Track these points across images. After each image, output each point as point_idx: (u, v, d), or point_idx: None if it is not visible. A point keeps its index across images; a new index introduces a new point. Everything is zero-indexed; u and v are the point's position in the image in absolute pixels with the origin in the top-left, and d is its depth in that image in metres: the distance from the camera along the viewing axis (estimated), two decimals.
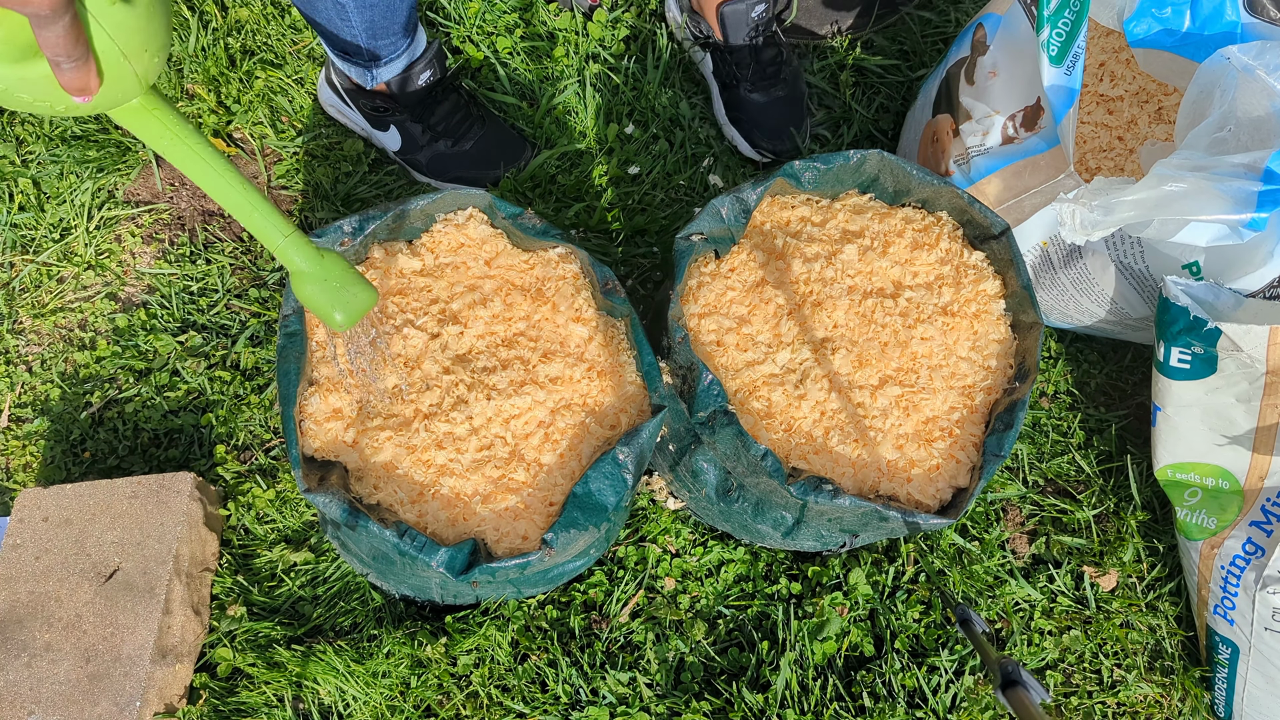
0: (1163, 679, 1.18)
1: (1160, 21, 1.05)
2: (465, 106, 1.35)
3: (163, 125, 0.68)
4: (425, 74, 1.25)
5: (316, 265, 0.77)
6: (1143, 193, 0.90)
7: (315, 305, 0.79)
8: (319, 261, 0.77)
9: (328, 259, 0.78)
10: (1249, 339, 0.98)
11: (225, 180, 0.71)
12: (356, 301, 0.79)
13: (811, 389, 1.01)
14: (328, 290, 0.78)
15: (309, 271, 0.77)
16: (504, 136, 1.37)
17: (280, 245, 0.75)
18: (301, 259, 0.76)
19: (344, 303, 0.79)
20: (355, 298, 0.79)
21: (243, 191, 0.72)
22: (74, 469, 1.21)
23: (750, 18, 1.35)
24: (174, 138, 0.68)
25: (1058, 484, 1.28)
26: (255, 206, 0.73)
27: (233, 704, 1.07)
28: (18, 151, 1.35)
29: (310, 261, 0.76)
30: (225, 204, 0.72)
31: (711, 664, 1.13)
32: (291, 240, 0.75)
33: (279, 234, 0.74)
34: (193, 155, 0.70)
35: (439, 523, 0.93)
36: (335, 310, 0.79)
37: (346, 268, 0.79)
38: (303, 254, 0.76)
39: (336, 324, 0.80)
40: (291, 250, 0.75)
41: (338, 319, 0.79)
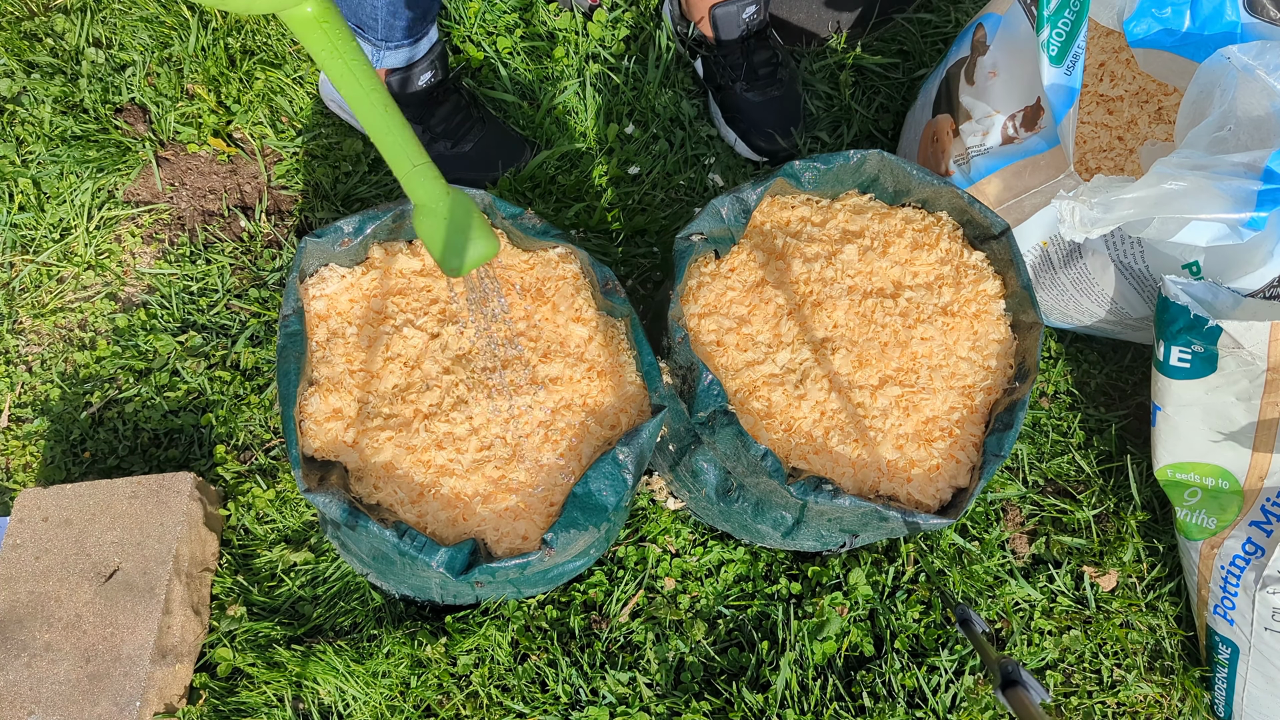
0: (1163, 679, 1.18)
1: (1160, 21, 1.05)
2: (465, 108, 1.35)
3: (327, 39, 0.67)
4: (426, 74, 1.25)
5: (440, 202, 0.74)
6: (1142, 191, 0.90)
7: (430, 243, 0.76)
8: (444, 199, 0.74)
9: (455, 198, 0.75)
10: (1250, 336, 0.98)
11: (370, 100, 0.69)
12: (474, 249, 0.75)
13: (811, 389, 1.01)
14: (446, 230, 0.74)
15: (430, 207, 0.74)
16: (504, 137, 1.37)
17: (407, 173, 0.72)
18: (424, 193, 0.73)
19: (459, 247, 0.75)
20: (473, 244, 0.75)
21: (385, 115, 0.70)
22: (74, 469, 1.21)
23: (741, 19, 1.36)
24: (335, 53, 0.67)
25: (1058, 484, 1.28)
26: (391, 130, 0.71)
27: (233, 704, 1.07)
28: (18, 151, 1.35)
29: (433, 197, 0.74)
30: (364, 121, 0.71)
31: (711, 664, 1.13)
32: (420, 170, 0.72)
33: (409, 161, 0.72)
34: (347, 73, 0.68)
35: (439, 523, 0.93)
36: (448, 252, 0.75)
37: (472, 211, 0.76)
38: (426, 188, 0.73)
39: (447, 267, 0.76)
40: (416, 181, 0.73)
41: (450, 262, 0.76)
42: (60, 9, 1.45)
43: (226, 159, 1.40)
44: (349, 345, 0.99)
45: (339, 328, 1.00)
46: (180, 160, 1.40)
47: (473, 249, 0.76)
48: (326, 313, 1.01)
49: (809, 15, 1.50)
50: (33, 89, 1.38)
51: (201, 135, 1.39)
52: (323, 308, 1.01)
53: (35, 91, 1.38)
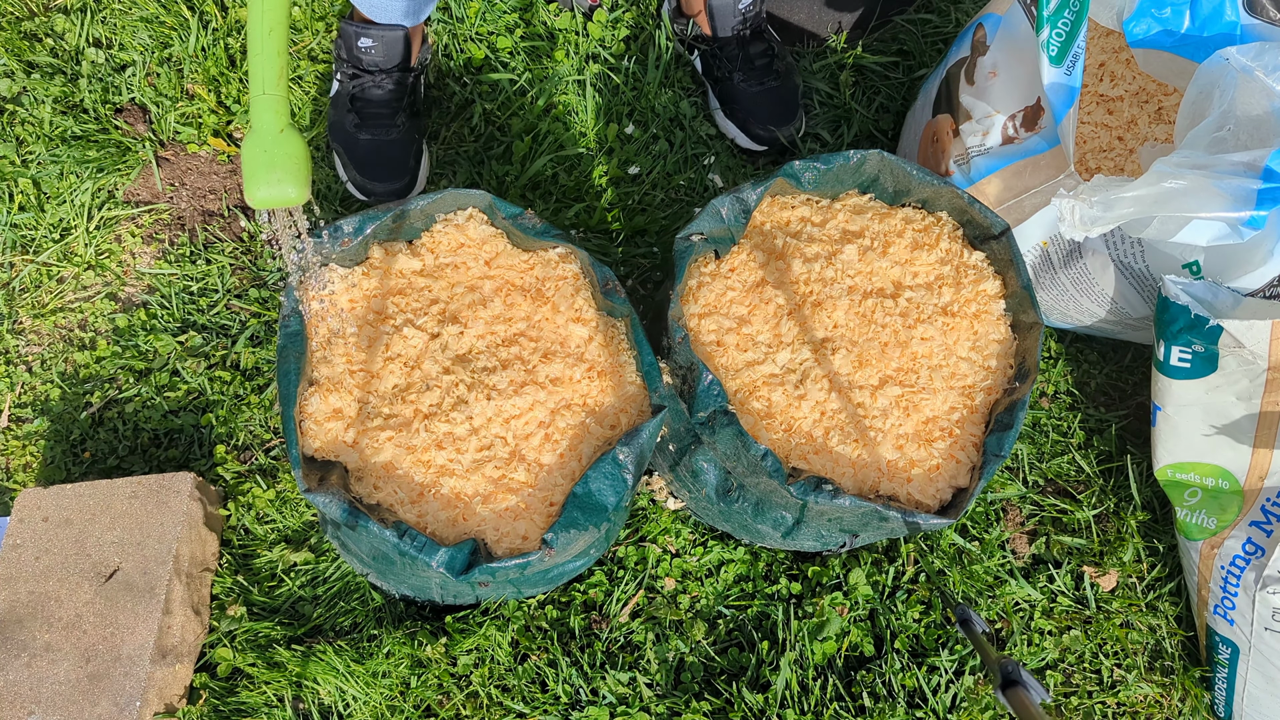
0: (1163, 679, 1.18)
1: (1160, 22, 1.05)
2: (406, 110, 1.33)
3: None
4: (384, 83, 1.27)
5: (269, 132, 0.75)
6: (1142, 189, 0.90)
7: (244, 166, 0.77)
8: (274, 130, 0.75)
9: (287, 135, 0.76)
10: (1251, 335, 0.98)
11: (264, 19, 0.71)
12: (275, 188, 0.76)
13: (811, 389, 1.01)
14: (261, 160, 0.75)
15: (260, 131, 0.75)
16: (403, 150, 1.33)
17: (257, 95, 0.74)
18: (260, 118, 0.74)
19: (264, 179, 0.76)
20: (278, 183, 0.76)
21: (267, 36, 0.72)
22: (74, 469, 1.21)
23: (738, 9, 1.37)
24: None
25: (1058, 484, 1.28)
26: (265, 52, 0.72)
27: (233, 704, 1.07)
28: (18, 151, 1.35)
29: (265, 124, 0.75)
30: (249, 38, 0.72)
31: (711, 664, 1.13)
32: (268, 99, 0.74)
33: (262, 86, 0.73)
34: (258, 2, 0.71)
35: (439, 523, 0.93)
36: (252, 181, 0.76)
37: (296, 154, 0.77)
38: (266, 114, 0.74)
39: (248, 195, 0.77)
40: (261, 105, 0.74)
41: (252, 191, 0.77)
42: (60, 9, 1.45)
43: (226, 159, 1.40)
44: (349, 345, 0.99)
45: (339, 328, 1.00)
46: (180, 160, 1.40)
47: (273, 188, 0.77)
48: (326, 313, 1.01)
49: (809, 15, 1.50)
50: (33, 89, 1.38)
51: (201, 135, 1.39)
52: (323, 308, 1.01)
53: (35, 91, 1.38)
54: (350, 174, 1.31)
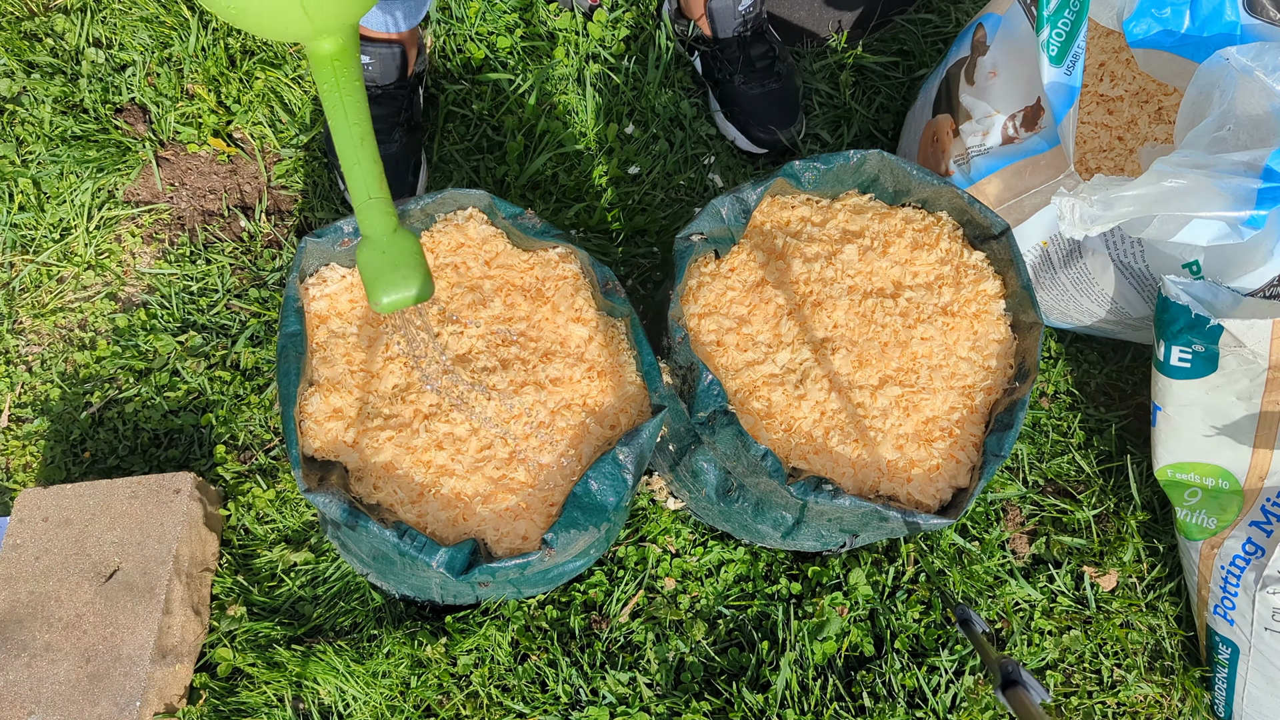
0: (1163, 679, 1.18)
1: (1160, 22, 1.05)
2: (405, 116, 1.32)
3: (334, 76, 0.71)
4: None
5: (382, 237, 0.75)
6: (1142, 189, 0.90)
7: (363, 273, 0.76)
8: (389, 235, 0.75)
9: (400, 237, 0.76)
10: (1252, 334, 0.98)
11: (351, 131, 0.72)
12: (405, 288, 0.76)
13: (811, 389, 1.01)
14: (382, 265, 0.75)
15: (373, 239, 0.75)
16: (390, 167, 1.32)
17: (363, 203, 0.74)
18: (371, 225, 0.74)
19: (394, 284, 0.75)
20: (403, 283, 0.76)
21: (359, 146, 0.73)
22: (74, 469, 1.21)
23: (738, 11, 1.36)
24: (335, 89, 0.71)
25: (1058, 484, 1.28)
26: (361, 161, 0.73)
27: (233, 704, 1.07)
28: (18, 151, 1.35)
29: (379, 232, 0.75)
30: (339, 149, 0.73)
31: (711, 664, 1.13)
32: (373, 204, 0.74)
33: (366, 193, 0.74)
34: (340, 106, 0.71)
35: (439, 523, 0.93)
36: (381, 290, 0.76)
37: (415, 254, 0.76)
38: (377, 222, 0.74)
39: (374, 301, 0.77)
40: (367, 213, 0.74)
41: (381, 299, 0.76)
42: (60, 9, 1.45)
43: (226, 159, 1.40)
44: (349, 345, 0.99)
45: (339, 328, 1.00)
46: (180, 160, 1.40)
47: (399, 291, 0.76)
48: (327, 313, 1.01)
49: (809, 15, 1.50)
50: (33, 89, 1.38)
51: (201, 135, 1.39)
52: (323, 308, 1.01)
53: (35, 91, 1.38)
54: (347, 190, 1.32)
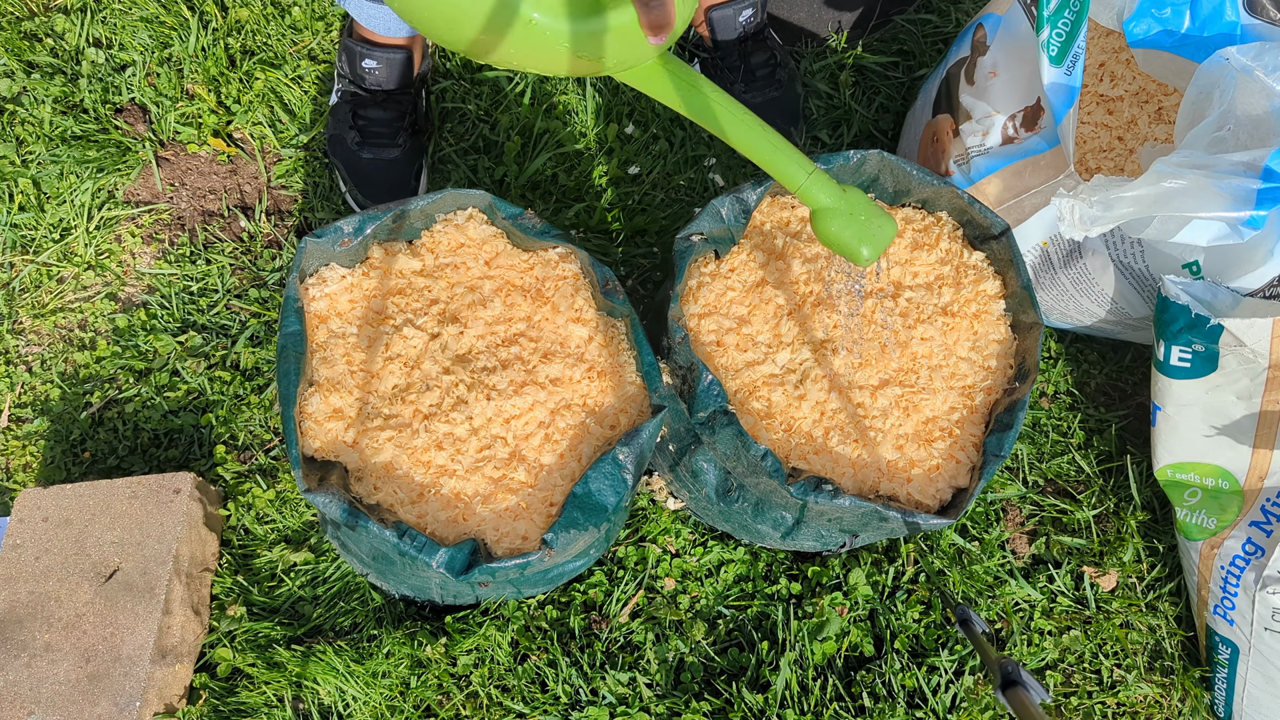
0: (1163, 679, 1.18)
1: (1160, 22, 1.05)
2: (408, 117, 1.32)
3: (678, 78, 0.69)
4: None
5: (841, 200, 0.75)
6: (1142, 189, 0.90)
7: (840, 241, 0.77)
8: (843, 197, 0.76)
9: (850, 193, 0.76)
10: (1252, 333, 0.98)
11: (747, 125, 0.72)
12: (881, 233, 0.77)
13: (811, 389, 1.01)
14: (854, 224, 0.76)
15: (834, 207, 0.75)
16: (404, 169, 1.32)
17: (803, 184, 0.74)
18: (826, 195, 0.75)
19: (870, 235, 0.77)
20: (880, 230, 0.77)
21: (764, 135, 0.72)
22: (74, 469, 1.21)
23: (738, 22, 1.36)
24: (691, 88, 0.69)
25: (1058, 484, 1.28)
26: (778, 148, 0.73)
27: (233, 704, 1.07)
28: (18, 151, 1.35)
29: (835, 197, 0.75)
30: (746, 147, 0.72)
31: (711, 664, 1.13)
32: (815, 177, 0.74)
33: (803, 172, 0.74)
34: (712, 104, 0.70)
35: (439, 523, 0.93)
36: (862, 244, 0.77)
37: (868, 201, 0.77)
38: (827, 190, 0.75)
39: (862, 259, 0.77)
40: (815, 187, 0.74)
41: (864, 253, 0.77)
42: (60, 9, 1.45)
43: (226, 159, 1.40)
44: (349, 345, 0.99)
45: (339, 328, 1.00)
46: (180, 160, 1.40)
47: (882, 232, 0.77)
48: (326, 313, 1.01)
49: (809, 15, 1.50)
50: (33, 89, 1.38)
51: (201, 135, 1.39)
52: (323, 308, 1.01)
53: (35, 91, 1.38)
54: (351, 191, 1.31)
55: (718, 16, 1.36)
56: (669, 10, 0.61)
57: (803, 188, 0.75)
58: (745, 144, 0.73)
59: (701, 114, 0.71)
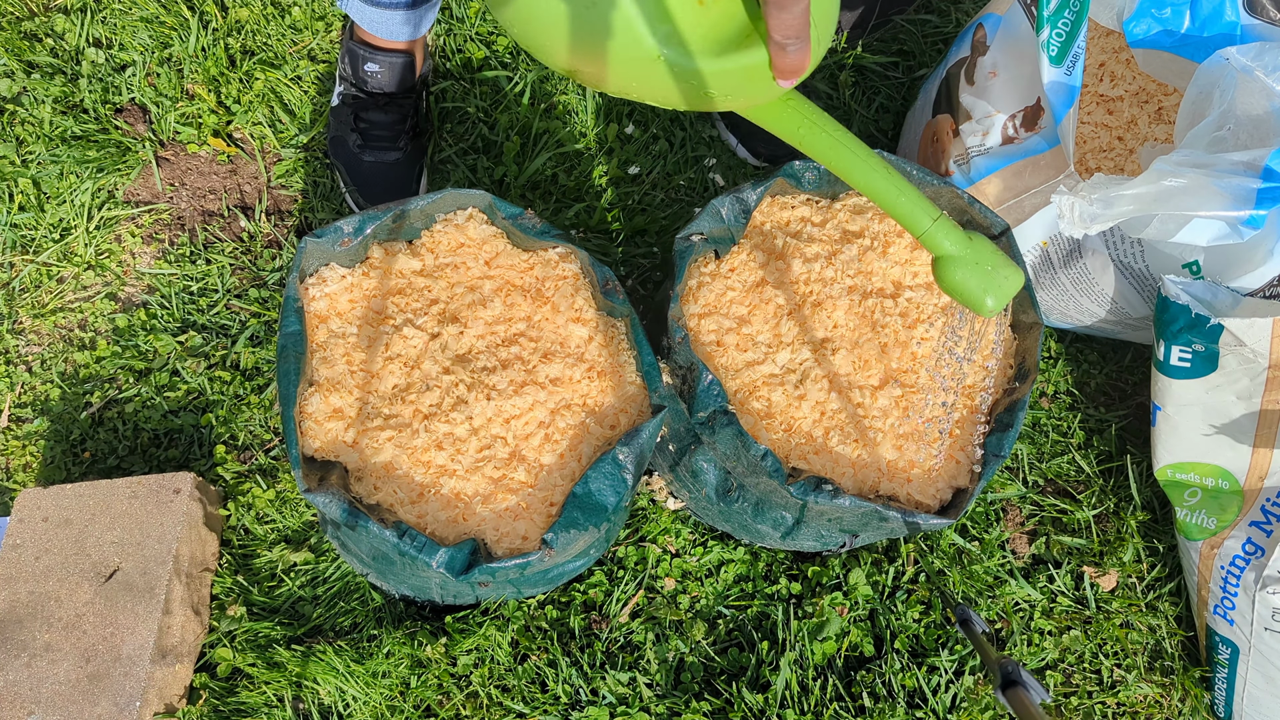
0: (1163, 679, 1.18)
1: (1160, 22, 1.05)
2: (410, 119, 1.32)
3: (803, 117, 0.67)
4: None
5: (966, 248, 0.73)
6: (1142, 187, 0.90)
7: (964, 290, 0.74)
8: (968, 245, 0.73)
9: (976, 241, 0.73)
10: (1252, 333, 0.98)
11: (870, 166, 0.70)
12: (1008, 284, 0.74)
13: (811, 389, 1.01)
14: (979, 274, 0.73)
15: (959, 256, 0.73)
16: (405, 170, 1.32)
17: (928, 230, 0.72)
18: (951, 243, 0.72)
19: (995, 286, 0.73)
20: (1007, 280, 0.73)
21: (888, 177, 0.70)
22: (74, 469, 1.21)
23: None
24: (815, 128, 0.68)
25: (1058, 484, 1.28)
26: (902, 191, 0.71)
27: (233, 704, 1.07)
28: (18, 151, 1.35)
29: (960, 245, 0.72)
30: (868, 190, 0.70)
31: (711, 664, 1.13)
32: (940, 224, 0.72)
33: (927, 218, 0.71)
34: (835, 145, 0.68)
35: (439, 523, 0.93)
36: (987, 295, 0.73)
37: (995, 249, 0.74)
38: (952, 237, 0.72)
39: (987, 310, 0.74)
40: (940, 234, 0.72)
41: (989, 304, 0.74)
42: (60, 9, 1.45)
43: (226, 159, 1.40)
44: (349, 345, 0.99)
45: (339, 328, 1.00)
46: (180, 160, 1.40)
47: (1007, 284, 0.74)
48: (326, 313, 1.01)
49: None
50: (33, 89, 1.38)
51: (201, 135, 1.39)
52: (323, 308, 1.01)
53: (35, 91, 1.38)
54: (351, 193, 1.31)
55: None
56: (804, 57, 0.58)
57: (927, 233, 0.72)
58: (868, 187, 0.70)
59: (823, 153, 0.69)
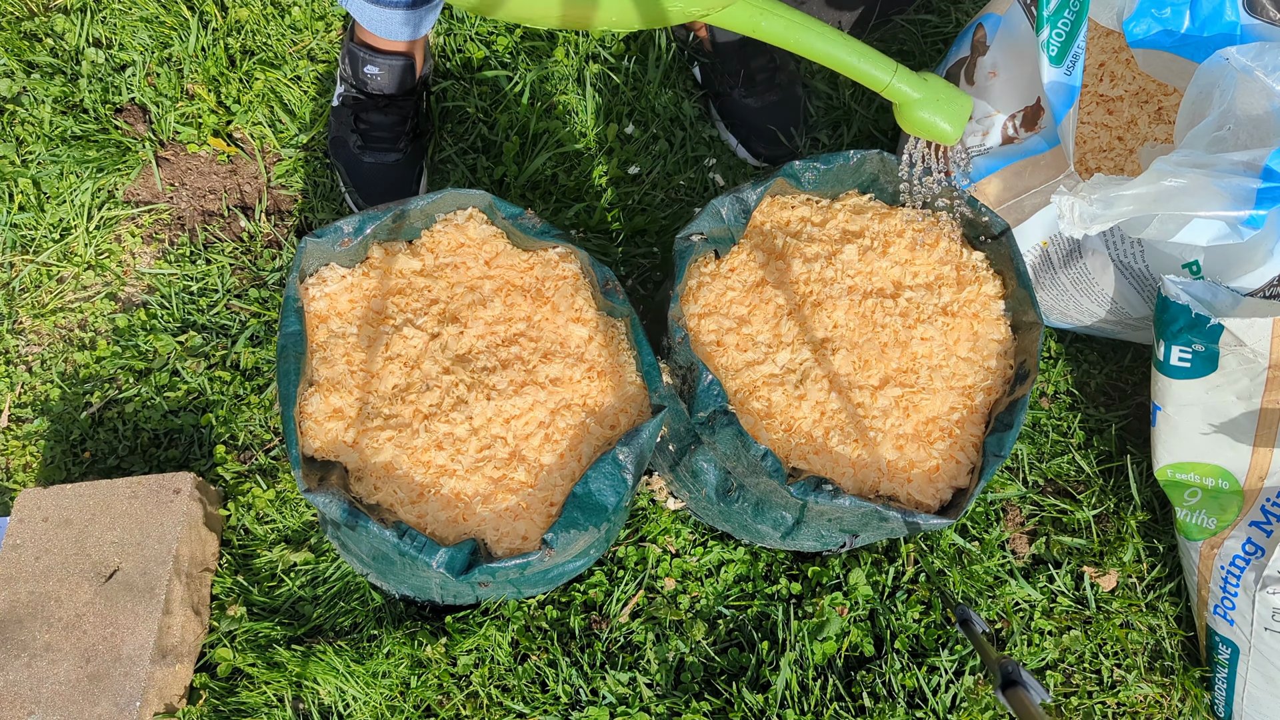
0: (1163, 679, 1.18)
1: (1160, 22, 1.05)
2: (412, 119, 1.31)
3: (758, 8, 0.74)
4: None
5: (924, 90, 0.82)
6: (1142, 187, 0.90)
7: (929, 125, 0.83)
8: (925, 86, 0.82)
9: (930, 80, 0.83)
10: (1252, 333, 0.98)
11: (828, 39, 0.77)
12: (963, 110, 0.84)
13: (811, 389, 1.01)
14: (937, 108, 0.83)
15: (920, 98, 0.82)
16: (406, 172, 1.32)
17: (890, 83, 0.80)
18: (911, 88, 0.81)
19: (952, 114, 0.84)
20: (961, 107, 0.84)
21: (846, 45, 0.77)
22: (74, 469, 1.21)
23: None
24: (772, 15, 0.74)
25: (1058, 484, 1.28)
26: (862, 55, 0.79)
27: (233, 704, 1.07)
28: (18, 151, 1.35)
29: (919, 88, 0.81)
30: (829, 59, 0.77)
31: (711, 664, 1.13)
32: (900, 74, 0.80)
33: (887, 73, 0.80)
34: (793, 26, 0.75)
35: (439, 523, 0.93)
36: (946, 123, 0.84)
37: (945, 84, 0.84)
38: (911, 83, 0.81)
39: (950, 136, 0.84)
40: (901, 83, 0.80)
41: (948, 130, 0.84)
42: (60, 9, 1.45)
43: (226, 159, 1.40)
44: (349, 345, 0.99)
45: (339, 328, 1.00)
46: (180, 160, 1.40)
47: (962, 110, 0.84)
48: (326, 313, 1.01)
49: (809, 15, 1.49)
50: (33, 89, 1.38)
51: (201, 135, 1.39)
52: (323, 308, 1.01)
53: (35, 91, 1.38)
54: (351, 193, 1.32)
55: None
56: None
57: (889, 86, 0.81)
58: (828, 56, 0.78)
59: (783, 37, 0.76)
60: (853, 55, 0.78)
